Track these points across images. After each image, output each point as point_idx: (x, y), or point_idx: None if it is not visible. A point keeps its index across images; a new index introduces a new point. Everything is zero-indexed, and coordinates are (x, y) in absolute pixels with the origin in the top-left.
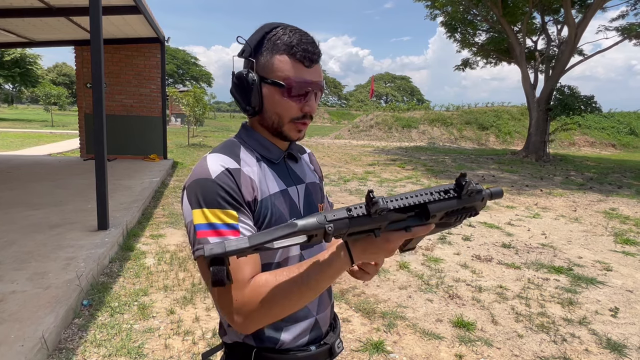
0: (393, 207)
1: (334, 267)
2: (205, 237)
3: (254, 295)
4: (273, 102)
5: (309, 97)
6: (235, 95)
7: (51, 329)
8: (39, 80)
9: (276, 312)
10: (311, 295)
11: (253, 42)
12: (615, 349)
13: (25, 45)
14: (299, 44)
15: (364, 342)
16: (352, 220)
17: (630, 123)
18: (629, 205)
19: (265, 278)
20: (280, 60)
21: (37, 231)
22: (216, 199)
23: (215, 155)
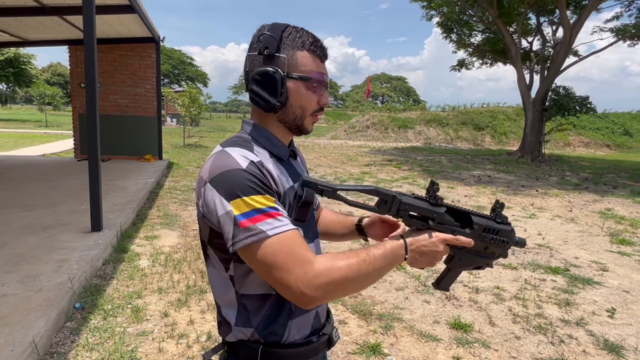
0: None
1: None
2: (255, 224)
3: (324, 270)
4: (299, 96)
5: (325, 90)
6: (259, 92)
7: (42, 332)
8: (33, 80)
9: (343, 289)
10: (374, 278)
11: (274, 40)
12: (612, 350)
13: (19, 44)
14: (316, 41)
15: (360, 344)
16: (416, 199)
17: (624, 123)
18: (624, 205)
19: (331, 257)
20: (302, 56)
21: (30, 233)
22: (252, 186)
23: (235, 150)
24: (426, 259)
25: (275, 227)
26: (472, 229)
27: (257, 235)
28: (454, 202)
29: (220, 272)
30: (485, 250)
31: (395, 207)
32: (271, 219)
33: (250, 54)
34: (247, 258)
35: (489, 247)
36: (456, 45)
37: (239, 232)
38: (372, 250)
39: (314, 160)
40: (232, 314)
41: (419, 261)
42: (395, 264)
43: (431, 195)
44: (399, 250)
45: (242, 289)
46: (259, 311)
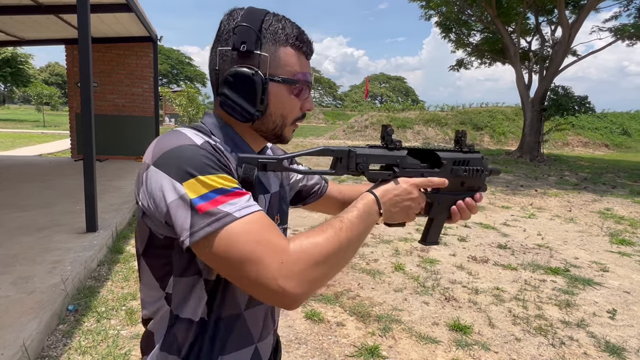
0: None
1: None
2: (216, 207)
3: (301, 253)
4: (281, 103)
5: (309, 92)
6: (234, 98)
7: (34, 335)
8: (30, 80)
9: (328, 269)
10: (355, 246)
11: (252, 33)
12: (614, 352)
13: (15, 44)
14: (301, 34)
15: (358, 347)
16: (372, 148)
17: (622, 123)
18: (624, 205)
19: (305, 236)
20: (286, 54)
21: (24, 233)
22: (210, 165)
23: (189, 129)
24: (402, 211)
25: (242, 207)
26: (441, 166)
27: (221, 219)
28: None
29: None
30: (462, 186)
31: (352, 163)
32: (236, 199)
33: (221, 49)
34: (206, 253)
35: (465, 182)
36: (455, 45)
37: (198, 219)
38: (345, 216)
39: (313, 160)
40: (159, 333)
41: (395, 214)
42: (372, 223)
43: (387, 140)
44: (372, 207)
45: (177, 311)
46: (187, 339)
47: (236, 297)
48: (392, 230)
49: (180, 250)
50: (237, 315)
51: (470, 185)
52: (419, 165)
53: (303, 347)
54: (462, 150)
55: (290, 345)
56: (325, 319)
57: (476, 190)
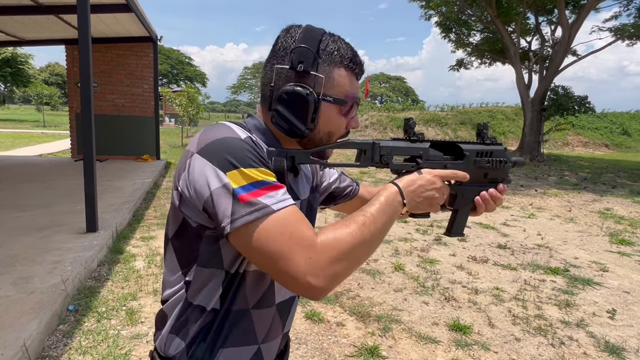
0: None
1: (389, 204)
2: (257, 198)
3: (328, 249)
4: (329, 121)
5: (356, 111)
6: (286, 115)
7: (34, 335)
8: (30, 80)
9: (351, 263)
10: (379, 239)
11: (311, 54)
12: (613, 352)
13: (15, 44)
14: (355, 56)
15: (358, 347)
16: (395, 141)
17: (622, 123)
18: (623, 205)
19: (332, 231)
20: (340, 75)
21: (24, 234)
22: (252, 158)
23: (234, 124)
24: (426, 201)
25: (280, 200)
26: (464, 158)
27: (261, 210)
28: None
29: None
30: (485, 178)
31: (377, 155)
32: (274, 192)
33: (279, 67)
34: (243, 241)
35: (488, 173)
36: (455, 45)
37: (239, 208)
38: (368, 209)
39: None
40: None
41: (420, 205)
42: (396, 214)
43: (410, 133)
44: (395, 198)
45: (193, 299)
46: (196, 326)
47: (247, 294)
48: (392, 230)
49: (208, 242)
50: (244, 312)
51: (494, 176)
52: (441, 157)
53: (303, 347)
54: (484, 142)
55: (290, 344)
56: (325, 319)
57: (500, 182)
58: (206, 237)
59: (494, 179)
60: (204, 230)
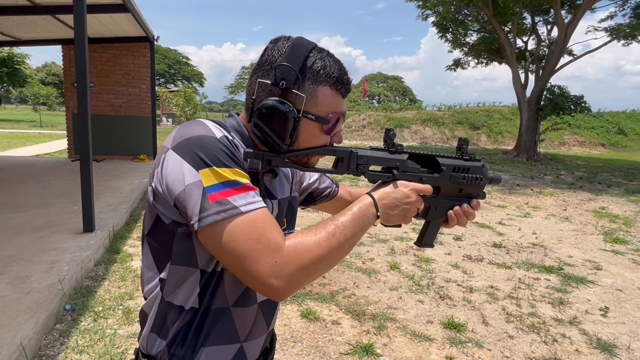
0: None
1: (361, 215)
2: (226, 198)
3: (293, 255)
4: (310, 138)
5: (340, 127)
6: (264, 129)
7: (31, 335)
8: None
9: (316, 270)
10: (346, 249)
11: (293, 74)
12: (605, 349)
13: (12, 44)
14: (342, 74)
15: (353, 344)
16: (374, 150)
17: (619, 123)
18: (618, 204)
19: (300, 237)
20: (323, 93)
21: (21, 234)
22: (226, 158)
23: (211, 122)
24: (400, 213)
25: (250, 202)
26: (440, 172)
27: (228, 210)
28: None
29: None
30: (460, 193)
31: (353, 163)
32: (245, 194)
33: (262, 81)
34: (210, 240)
35: (463, 189)
36: (452, 44)
37: (208, 206)
38: (340, 218)
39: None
40: (151, 315)
41: (393, 217)
42: (368, 226)
43: (389, 143)
44: (368, 210)
45: (168, 297)
46: (174, 325)
47: (226, 293)
48: (388, 229)
49: (181, 238)
50: (225, 310)
51: (469, 192)
52: (418, 169)
53: (298, 346)
54: (462, 157)
55: (285, 343)
56: (320, 317)
57: (474, 197)
58: (179, 234)
59: (469, 194)
60: (177, 226)
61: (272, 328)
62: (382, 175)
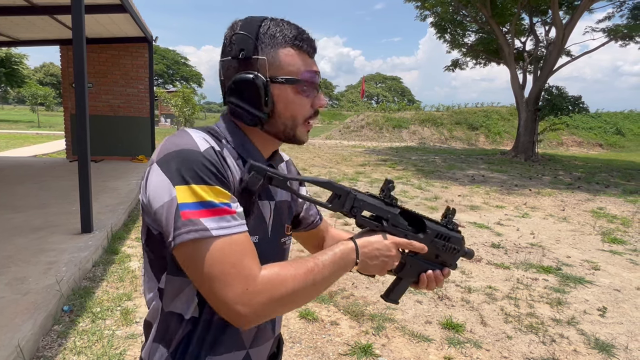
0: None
1: (342, 258)
2: (198, 218)
3: (268, 285)
4: (287, 103)
5: (318, 90)
6: (240, 104)
7: (28, 336)
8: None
9: (287, 304)
10: (321, 289)
11: (249, 40)
12: (603, 349)
13: (9, 44)
14: (300, 33)
15: (352, 345)
16: (370, 197)
17: (616, 123)
18: (616, 204)
19: (277, 269)
20: (286, 54)
21: (19, 235)
22: (205, 175)
23: (197, 132)
24: (377, 265)
25: (223, 227)
26: (425, 234)
27: (199, 231)
28: (448, 201)
29: (150, 280)
30: (436, 259)
31: (349, 204)
32: (219, 217)
33: (224, 60)
34: (182, 259)
35: (440, 255)
36: (450, 45)
37: (180, 224)
38: (320, 257)
39: (309, 161)
40: (154, 324)
41: (370, 266)
42: (346, 270)
43: (386, 194)
44: (349, 255)
45: (168, 307)
46: (177, 335)
47: None
48: None
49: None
50: None
51: (444, 259)
52: (406, 226)
53: (297, 346)
54: (447, 226)
55: (284, 344)
56: (319, 318)
57: (447, 266)
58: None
59: (443, 261)
60: None
61: (278, 333)
62: (371, 223)
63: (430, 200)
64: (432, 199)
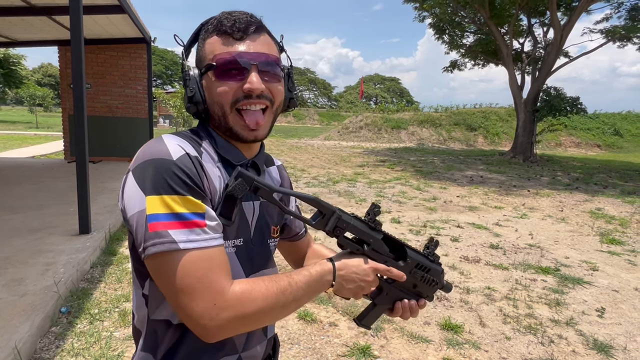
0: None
1: (317, 280)
2: (166, 230)
3: (236, 301)
4: (210, 91)
5: (246, 72)
6: (186, 100)
7: (26, 338)
8: (23, 81)
9: (255, 321)
10: (292, 309)
11: (190, 37)
12: (601, 350)
13: (7, 45)
14: (227, 18)
15: (350, 346)
16: (355, 219)
17: (614, 124)
18: (614, 205)
19: (249, 285)
20: (210, 43)
21: (16, 236)
22: (177, 185)
23: (173, 137)
24: (353, 288)
25: (192, 240)
26: (405, 262)
27: (166, 244)
28: (446, 202)
29: (136, 287)
30: (413, 289)
31: (332, 223)
32: (188, 230)
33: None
34: (151, 270)
35: (417, 286)
36: (449, 46)
37: (148, 236)
38: (295, 277)
39: (307, 162)
40: (142, 332)
41: (346, 290)
42: (320, 291)
43: (371, 218)
44: (325, 276)
45: (154, 314)
46: (165, 342)
47: None
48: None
49: None
50: None
51: (421, 290)
52: (387, 252)
53: (296, 347)
54: (428, 257)
55: (283, 345)
56: (318, 319)
57: (423, 297)
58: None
59: (420, 292)
60: None
61: (271, 335)
62: (352, 245)
63: (429, 201)
64: (430, 199)
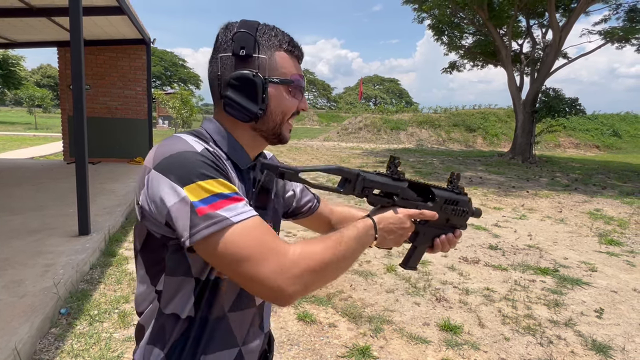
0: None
1: (364, 234)
2: (215, 211)
3: (300, 257)
4: (280, 102)
5: (303, 93)
6: (237, 99)
7: (25, 339)
8: (22, 82)
9: (322, 274)
10: (348, 262)
11: (251, 39)
12: (600, 350)
13: (7, 46)
14: (292, 40)
15: (350, 347)
16: (378, 176)
17: (613, 125)
18: (613, 205)
19: (305, 243)
20: (281, 57)
21: (16, 237)
22: (209, 170)
23: (189, 136)
24: (394, 237)
25: (240, 212)
26: (434, 202)
27: (219, 223)
28: None
29: (144, 284)
30: (447, 223)
31: (360, 186)
32: (233, 205)
33: (222, 55)
34: (207, 252)
35: (450, 219)
36: (448, 47)
37: (197, 221)
38: (345, 232)
39: (306, 162)
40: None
41: (388, 240)
42: (367, 245)
43: (393, 170)
44: (369, 231)
45: (166, 308)
46: (173, 335)
47: (222, 300)
48: None
49: (173, 251)
50: (222, 317)
51: (454, 223)
52: (415, 197)
53: (295, 348)
54: (454, 191)
55: (282, 346)
56: (317, 320)
57: (457, 228)
58: (171, 246)
59: (454, 224)
60: (168, 240)
61: (267, 330)
62: (382, 200)
63: None
64: None
